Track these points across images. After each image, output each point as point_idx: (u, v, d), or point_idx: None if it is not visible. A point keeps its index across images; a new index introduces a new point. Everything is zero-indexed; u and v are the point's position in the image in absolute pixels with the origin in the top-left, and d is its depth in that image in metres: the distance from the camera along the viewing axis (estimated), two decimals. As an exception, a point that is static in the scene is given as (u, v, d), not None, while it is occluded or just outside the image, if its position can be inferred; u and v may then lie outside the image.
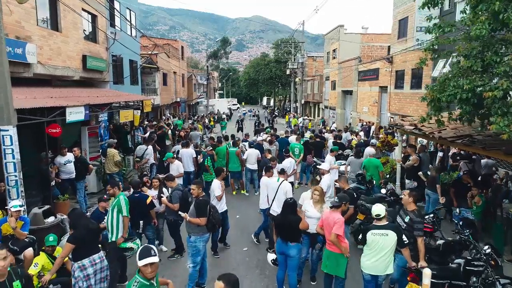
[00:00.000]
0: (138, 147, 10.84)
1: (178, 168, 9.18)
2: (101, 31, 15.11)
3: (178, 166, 9.22)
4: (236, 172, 11.21)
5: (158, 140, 12.56)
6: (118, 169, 9.85)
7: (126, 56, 18.43)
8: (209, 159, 10.35)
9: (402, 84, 18.26)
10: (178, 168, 9.16)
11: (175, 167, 9.16)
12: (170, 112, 33.28)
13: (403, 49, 16.18)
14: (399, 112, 18.68)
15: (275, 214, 6.80)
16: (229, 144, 12.16)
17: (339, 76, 32.08)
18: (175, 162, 9.19)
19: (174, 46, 32.56)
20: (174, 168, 9.16)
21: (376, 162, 9.65)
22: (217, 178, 7.29)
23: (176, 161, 9.23)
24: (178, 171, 9.14)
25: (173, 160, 9.18)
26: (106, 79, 16.07)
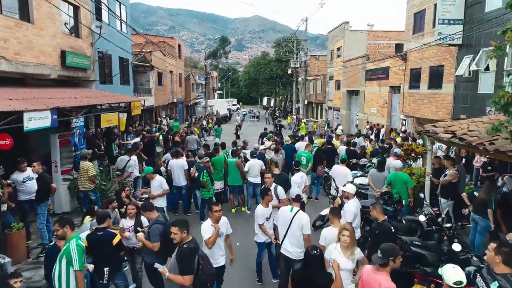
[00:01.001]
0: (119, 158, 9.17)
1: (162, 184, 7.57)
2: (83, 25, 13.46)
3: (161, 183, 7.57)
4: (236, 186, 9.58)
5: (145, 147, 10.90)
6: (94, 185, 8.21)
7: (115, 53, 16.80)
8: (205, 173, 8.71)
9: (418, 84, 16.63)
10: (162, 185, 7.56)
11: (157, 184, 7.54)
12: (167, 114, 31.64)
13: (424, 44, 14.53)
14: (415, 114, 17.06)
15: (288, 255, 5.16)
16: (227, 153, 10.52)
17: (344, 75, 30.47)
18: (156, 178, 7.55)
19: (171, 44, 30.92)
20: (155, 186, 7.55)
21: (404, 177, 8.01)
22: (211, 215, 4.99)
23: (157, 177, 7.59)
24: (161, 188, 7.52)
25: (153, 175, 7.57)
26: (91, 78, 14.43)
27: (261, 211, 5.77)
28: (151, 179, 7.51)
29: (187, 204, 9.63)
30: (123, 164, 8.85)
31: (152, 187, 7.49)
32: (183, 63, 37.18)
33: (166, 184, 7.60)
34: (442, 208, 7.78)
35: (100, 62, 15.71)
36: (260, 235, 5.85)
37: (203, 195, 8.82)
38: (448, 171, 7.77)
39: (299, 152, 10.62)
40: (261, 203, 5.94)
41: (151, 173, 7.46)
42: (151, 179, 7.51)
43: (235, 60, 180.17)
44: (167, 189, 7.60)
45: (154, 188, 7.47)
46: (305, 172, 9.92)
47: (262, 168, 9.51)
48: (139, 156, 9.74)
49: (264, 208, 5.80)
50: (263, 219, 5.75)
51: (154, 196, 7.45)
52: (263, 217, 5.76)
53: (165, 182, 7.57)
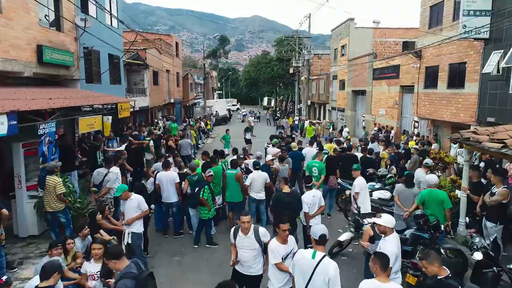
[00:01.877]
0: (96, 171, 7.70)
1: (139, 205, 6.08)
2: (64, 18, 12.02)
3: (138, 203, 6.08)
4: (236, 203, 8.13)
5: (131, 156, 9.44)
6: (64, 205, 6.78)
7: (104, 49, 15.35)
8: (207, 189, 7.27)
9: (435, 83, 15.20)
10: (139, 205, 6.08)
11: (134, 204, 6.06)
12: (163, 115, 30.19)
13: (444, 38, 13.09)
14: (431, 116, 15.63)
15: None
16: (226, 163, 9.07)
17: (349, 74, 29.06)
18: (131, 196, 6.10)
19: (167, 42, 29.48)
20: (132, 206, 6.07)
21: (440, 196, 6.58)
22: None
23: (133, 196, 6.14)
24: (139, 209, 6.09)
25: (128, 194, 6.08)
26: (76, 76, 13.01)
27: (275, 247, 4.33)
28: (125, 200, 6.06)
29: (178, 223, 8.19)
30: (100, 178, 7.41)
31: (127, 209, 6.05)
32: (180, 61, 35.74)
33: (145, 203, 6.12)
34: (489, 233, 6.35)
35: (87, 59, 14.26)
36: (274, 281, 4.35)
37: (202, 215, 7.38)
38: (497, 189, 6.33)
39: (310, 163, 9.16)
40: (276, 238, 4.47)
41: (126, 192, 5.99)
42: (126, 200, 6.06)
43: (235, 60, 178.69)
44: (146, 209, 6.12)
45: (130, 210, 6.03)
46: (317, 185, 8.51)
47: (266, 181, 8.07)
48: (123, 167, 8.29)
49: (280, 245, 4.35)
50: (278, 257, 4.28)
51: (130, 220, 6.02)
52: (278, 254, 4.29)
53: (143, 202, 6.09)
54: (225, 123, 42.07)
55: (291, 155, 10.20)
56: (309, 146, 11.67)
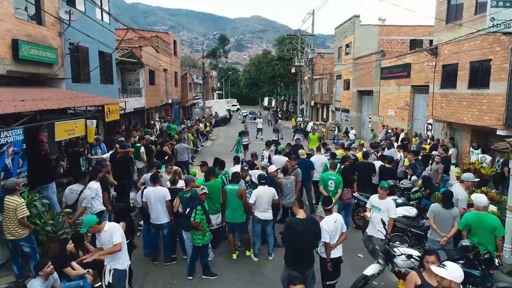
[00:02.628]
0: (68, 189, 6.40)
1: (112, 236, 4.75)
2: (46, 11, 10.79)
3: (111, 235, 4.74)
4: (238, 224, 6.89)
5: (117, 167, 8.18)
6: (28, 231, 5.54)
7: (94, 46, 14.11)
8: (199, 210, 6.01)
9: (453, 83, 13.96)
10: (112, 236, 4.75)
11: (107, 237, 4.78)
12: (161, 116, 28.95)
13: (474, 31, 11.84)
14: (449, 118, 14.38)
15: None
16: (227, 175, 7.82)
17: (355, 74, 27.84)
18: (105, 227, 4.80)
19: (165, 40, 28.24)
20: (106, 241, 4.79)
21: (493, 222, 5.34)
22: None
23: (107, 227, 4.82)
24: (110, 243, 4.83)
25: (100, 227, 4.77)
26: (60, 75, 11.79)
27: None
28: (97, 234, 4.79)
29: (169, 248, 6.92)
30: (74, 197, 6.15)
31: (103, 243, 4.76)
32: (179, 60, 34.48)
33: (119, 235, 4.80)
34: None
35: (73, 56, 13.03)
36: None
37: (196, 241, 6.12)
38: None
39: (325, 175, 7.87)
40: None
41: (95, 226, 4.70)
42: (98, 234, 4.78)
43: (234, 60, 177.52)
44: (117, 243, 4.73)
45: (106, 244, 4.75)
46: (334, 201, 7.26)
47: (274, 198, 6.83)
48: (105, 182, 7.03)
49: None
50: None
51: (102, 254, 4.75)
52: None
53: (117, 233, 4.74)
54: (225, 124, 40.84)
55: (299, 164, 8.97)
56: (317, 152, 10.41)
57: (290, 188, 7.81)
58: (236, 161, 8.87)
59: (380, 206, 6.36)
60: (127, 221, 5.40)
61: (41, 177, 7.48)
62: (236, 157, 9.06)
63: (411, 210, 7.73)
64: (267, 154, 10.94)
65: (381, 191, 6.45)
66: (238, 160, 8.98)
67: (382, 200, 6.41)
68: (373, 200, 6.53)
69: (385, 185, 6.53)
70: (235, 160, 8.91)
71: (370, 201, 6.62)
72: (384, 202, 6.40)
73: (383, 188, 6.46)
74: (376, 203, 6.42)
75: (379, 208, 6.36)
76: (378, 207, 6.36)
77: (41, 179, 7.46)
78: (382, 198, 6.44)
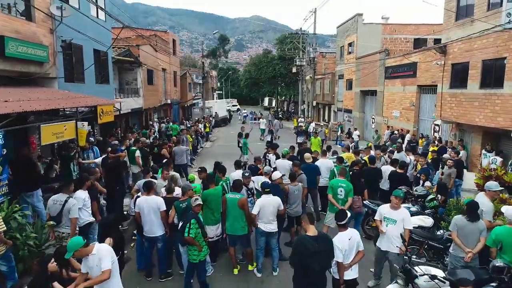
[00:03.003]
0: (51, 199, 5.78)
1: (101, 260, 4.08)
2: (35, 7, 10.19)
3: (100, 258, 4.08)
4: (240, 236, 6.29)
5: (108, 173, 7.58)
6: (6, 247, 4.92)
7: (88, 44, 13.51)
8: (194, 225, 5.38)
9: (464, 82, 13.36)
10: (101, 260, 4.08)
11: (94, 261, 4.13)
12: (160, 116, 28.35)
13: (490, 28, 11.24)
14: (459, 119, 13.79)
15: None
16: (228, 182, 7.22)
17: (358, 73, 27.26)
18: (93, 250, 4.14)
19: (164, 38, 27.64)
20: (94, 265, 4.13)
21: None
22: None
23: (96, 249, 4.16)
24: (99, 268, 4.11)
25: (87, 250, 4.10)
26: (52, 74, 11.19)
27: None
28: (83, 258, 4.16)
29: (164, 263, 6.31)
30: (57, 208, 5.56)
31: (90, 268, 4.15)
32: (178, 60, 33.87)
33: (109, 260, 4.11)
34: None
35: (67, 55, 12.44)
36: None
37: (191, 257, 5.51)
38: None
39: (334, 182, 7.24)
40: None
41: (82, 250, 4.07)
42: (85, 258, 4.16)
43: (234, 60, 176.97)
44: (106, 269, 4.07)
45: (94, 270, 4.12)
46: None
47: (279, 209, 6.23)
48: (94, 190, 6.42)
49: None
50: None
51: (88, 285, 4.10)
52: None
53: (106, 257, 4.10)
54: (225, 124, 40.22)
55: (303, 169, 8.37)
56: (322, 156, 9.79)
57: (297, 195, 7.21)
58: (238, 166, 8.27)
59: (394, 217, 5.77)
60: (115, 236, 4.80)
61: (24, 184, 6.88)
62: (237, 161, 8.44)
63: (427, 219, 7.14)
64: (274, 158, 10.26)
65: (396, 200, 5.84)
66: (240, 165, 8.37)
67: (396, 210, 5.81)
68: (384, 211, 5.90)
69: (400, 194, 5.92)
70: (237, 165, 8.30)
71: (379, 212, 5.96)
72: (398, 212, 5.81)
73: (398, 198, 5.86)
74: (389, 214, 5.81)
75: (394, 220, 5.77)
76: (392, 219, 5.76)
77: (25, 186, 6.87)
78: (396, 209, 5.84)
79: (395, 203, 5.82)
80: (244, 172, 7.15)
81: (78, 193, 5.88)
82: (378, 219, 5.98)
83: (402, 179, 8.34)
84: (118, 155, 7.74)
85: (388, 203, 5.98)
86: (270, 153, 10.51)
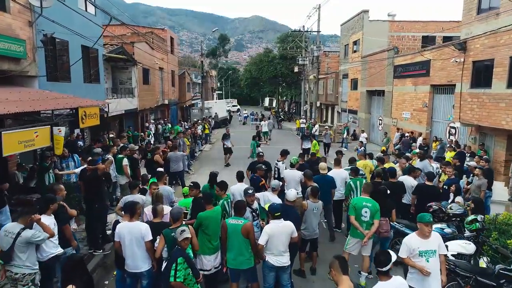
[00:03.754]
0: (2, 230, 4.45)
1: None
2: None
3: None
4: (244, 270, 5.07)
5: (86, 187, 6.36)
6: None
7: (75, 40, 12.31)
8: (182, 265, 4.14)
9: (487, 81, 12.16)
10: None
11: None
12: (156, 118, 27.16)
13: None
14: (482, 122, 12.58)
15: None
16: (229, 200, 6.01)
17: (363, 73, 26.08)
18: None
19: (161, 36, 26.44)
20: None
21: None
22: None
23: None
24: None
25: None
26: (30, 72, 10.00)
27: None
28: None
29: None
30: (9, 242, 4.31)
31: None
32: (176, 58, 32.65)
33: None
34: None
35: (51, 51, 11.26)
36: None
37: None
38: None
39: (357, 201, 5.94)
40: None
41: None
42: None
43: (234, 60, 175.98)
44: None
45: None
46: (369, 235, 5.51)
47: (292, 236, 5.02)
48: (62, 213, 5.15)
49: None
50: None
51: None
52: None
53: None
54: (225, 125, 38.95)
55: (317, 180, 7.17)
56: (336, 166, 8.55)
57: (316, 215, 6.00)
58: (240, 178, 7.06)
59: (432, 247, 4.58)
60: (79, 283, 3.59)
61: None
62: (239, 172, 7.21)
63: (468, 246, 5.92)
64: (283, 167, 8.95)
65: (427, 228, 4.56)
66: (242, 177, 7.15)
67: (428, 239, 4.59)
68: (416, 243, 4.58)
69: (430, 220, 4.67)
70: (239, 177, 7.09)
71: (409, 247, 4.60)
72: (433, 239, 4.61)
73: (429, 224, 4.60)
74: (425, 246, 4.55)
75: (433, 251, 4.58)
76: (431, 250, 4.56)
77: None
78: (427, 237, 4.60)
79: (426, 231, 4.58)
80: (247, 189, 5.91)
81: (42, 219, 4.66)
82: (405, 256, 4.60)
83: (433, 194, 7.12)
84: (96, 167, 6.53)
85: (413, 233, 4.76)
86: (280, 161, 9.22)
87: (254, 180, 7.81)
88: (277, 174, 9.04)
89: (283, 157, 9.32)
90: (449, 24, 25.65)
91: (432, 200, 7.04)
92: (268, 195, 6.33)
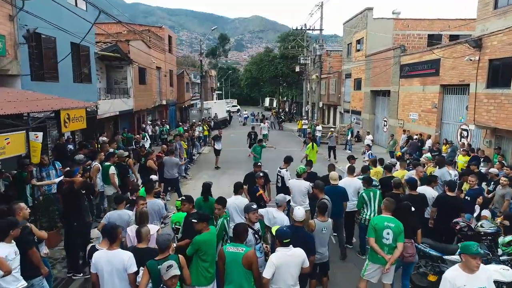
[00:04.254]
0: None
1: None
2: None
3: None
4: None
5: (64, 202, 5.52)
6: None
7: (64, 36, 11.49)
8: None
9: (506, 81, 11.33)
10: None
11: None
12: (154, 119, 26.30)
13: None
14: (499, 124, 11.73)
15: None
16: (227, 217, 5.17)
17: (367, 72, 25.24)
18: None
19: (159, 34, 25.60)
20: None
21: None
22: None
23: None
24: None
25: None
26: (12, 71, 9.17)
27: None
28: None
29: None
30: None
31: None
32: (174, 58, 31.80)
33: None
34: None
35: (36, 48, 10.42)
36: None
37: None
38: None
39: (378, 220, 5.00)
40: None
41: None
42: None
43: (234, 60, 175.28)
44: None
45: None
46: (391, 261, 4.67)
47: (303, 266, 4.18)
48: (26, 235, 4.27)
49: None
50: None
51: None
52: None
53: None
54: (225, 126, 38.10)
55: (327, 192, 6.32)
56: (349, 174, 7.69)
57: (326, 236, 5.16)
58: (236, 190, 6.20)
59: (482, 284, 3.72)
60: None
61: None
62: (237, 184, 6.35)
63: (506, 272, 5.09)
64: (287, 175, 8.09)
65: (474, 261, 3.66)
66: (240, 188, 6.27)
67: (475, 273, 3.71)
68: (460, 279, 3.66)
69: (477, 251, 3.75)
70: (235, 189, 6.24)
71: (453, 283, 3.68)
72: (481, 274, 3.74)
73: (477, 257, 3.72)
74: (473, 283, 3.64)
75: None
76: None
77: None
78: (475, 271, 3.72)
79: (475, 267, 3.71)
80: (249, 204, 5.06)
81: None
82: None
83: (456, 206, 6.24)
84: (72, 179, 5.67)
85: (456, 266, 3.88)
86: (283, 168, 8.35)
87: (253, 190, 6.99)
88: (280, 183, 8.18)
89: (286, 164, 8.45)
90: (456, 22, 24.85)
91: (455, 213, 6.20)
92: (273, 211, 5.48)
